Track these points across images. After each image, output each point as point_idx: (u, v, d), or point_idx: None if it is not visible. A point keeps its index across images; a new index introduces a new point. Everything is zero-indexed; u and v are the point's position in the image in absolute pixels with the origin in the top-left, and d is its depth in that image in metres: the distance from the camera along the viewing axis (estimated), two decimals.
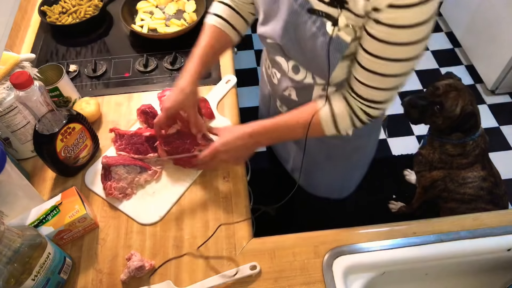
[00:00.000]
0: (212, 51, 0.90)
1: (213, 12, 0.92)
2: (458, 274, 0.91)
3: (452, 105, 1.40)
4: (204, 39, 0.90)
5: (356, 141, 0.99)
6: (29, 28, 1.36)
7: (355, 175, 1.17)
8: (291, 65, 0.85)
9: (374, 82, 0.72)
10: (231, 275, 0.79)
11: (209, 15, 0.92)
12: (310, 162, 1.05)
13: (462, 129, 1.44)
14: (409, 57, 0.68)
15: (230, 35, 0.92)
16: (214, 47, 0.91)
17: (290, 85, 0.89)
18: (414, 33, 0.64)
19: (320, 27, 0.71)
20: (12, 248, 0.66)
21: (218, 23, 0.90)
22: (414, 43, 0.65)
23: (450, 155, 1.50)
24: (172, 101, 0.87)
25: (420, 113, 1.47)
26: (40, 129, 0.86)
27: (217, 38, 0.90)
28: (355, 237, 0.85)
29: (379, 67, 0.69)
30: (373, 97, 0.75)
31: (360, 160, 1.11)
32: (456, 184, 1.51)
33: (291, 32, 0.76)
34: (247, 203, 0.93)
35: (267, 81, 1.03)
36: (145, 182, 0.95)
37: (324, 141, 0.99)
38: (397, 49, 0.66)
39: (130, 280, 0.80)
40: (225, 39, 0.91)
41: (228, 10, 0.91)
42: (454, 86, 1.42)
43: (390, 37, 0.64)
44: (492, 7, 2.21)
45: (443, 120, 1.43)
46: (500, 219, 0.88)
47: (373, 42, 0.66)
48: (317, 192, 1.18)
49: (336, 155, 1.03)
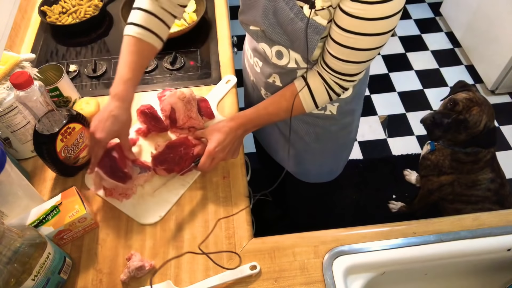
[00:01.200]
0: (139, 67, 0.85)
1: (131, 21, 0.84)
2: (458, 274, 0.91)
3: (477, 122, 1.35)
4: (127, 56, 0.83)
5: (342, 120, 1.02)
6: (29, 28, 1.36)
7: (343, 155, 1.21)
8: (275, 51, 0.87)
9: (348, 56, 0.75)
10: (231, 274, 0.79)
11: (127, 25, 0.84)
12: (299, 147, 1.09)
13: (482, 144, 1.40)
14: (382, 31, 0.70)
15: (153, 44, 0.85)
16: (143, 65, 0.86)
17: (274, 71, 0.92)
18: (388, 7, 0.66)
19: (298, 13, 0.75)
20: (12, 248, 0.66)
21: (139, 34, 0.83)
22: (387, 17, 0.67)
23: (462, 162, 1.47)
24: (106, 131, 0.80)
25: (444, 131, 1.41)
26: (40, 129, 0.86)
27: (141, 51, 0.84)
28: (355, 237, 0.85)
29: (353, 41, 0.72)
30: (346, 70, 0.79)
31: (346, 139, 1.14)
32: (464, 187, 1.50)
33: (270, 18, 0.79)
34: (247, 202, 0.93)
35: (249, 72, 1.06)
36: (145, 182, 0.95)
37: (311, 124, 1.02)
38: (370, 24, 0.68)
39: (130, 280, 0.80)
40: (148, 50, 0.86)
41: (149, 18, 0.84)
42: (475, 100, 1.37)
43: (364, 13, 0.67)
44: (492, 7, 2.21)
45: (466, 136, 1.39)
46: (500, 219, 0.88)
47: (347, 18, 0.69)
48: (308, 179, 1.20)
49: (324, 136, 1.06)
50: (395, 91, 2.45)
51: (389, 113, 2.34)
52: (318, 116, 1.00)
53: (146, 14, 0.84)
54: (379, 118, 2.32)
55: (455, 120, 1.38)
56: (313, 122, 1.02)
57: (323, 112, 0.98)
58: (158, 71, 1.22)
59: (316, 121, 1.01)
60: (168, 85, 1.18)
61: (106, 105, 0.82)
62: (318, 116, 1.00)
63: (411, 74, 2.55)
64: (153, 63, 1.23)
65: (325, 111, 0.98)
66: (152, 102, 1.07)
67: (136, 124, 1.06)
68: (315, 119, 1.00)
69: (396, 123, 2.29)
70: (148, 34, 0.84)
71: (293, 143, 1.09)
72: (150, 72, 1.22)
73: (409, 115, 2.32)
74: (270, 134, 1.16)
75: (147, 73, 1.22)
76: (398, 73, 2.55)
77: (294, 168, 1.18)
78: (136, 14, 0.84)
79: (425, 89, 2.46)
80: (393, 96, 2.43)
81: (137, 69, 0.84)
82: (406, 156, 2.14)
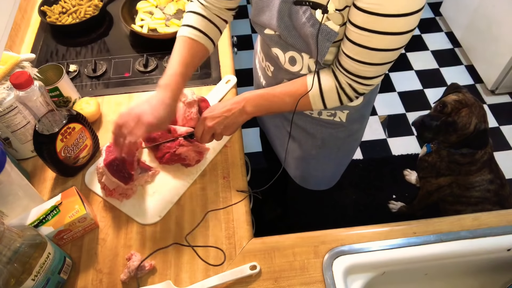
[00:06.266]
0: (191, 65, 0.86)
1: (187, 24, 0.87)
2: (458, 274, 0.91)
3: (466, 124, 1.36)
4: (182, 53, 0.85)
5: (350, 126, 1.00)
6: (29, 28, 1.36)
7: (345, 163, 1.20)
8: (288, 57, 0.86)
9: (362, 56, 0.72)
10: (231, 274, 0.79)
11: (182, 27, 0.88)
12: (304, 151, 1.07)
13: (473, 145, 1.41)
14: (399, 31, 0.67)
15: (206, 46, 0.88)
16: (195, 64, 0.88)
17: (285, 77, 0.90)
18: (405, 3, 0.63)
19: (310, 18, 0.72)
20: (12, 248, 0.66)
21: (194, 35, 0.86)
22: (404, 15, 0.64)
23: (459, 164, 1.48)
24: (157, 117, 0.77)
25: (434, 134, 1.43)
26: (40, 129, 0.86)
27: (195, 51, 0.86)
28: (355, 237, 0.85)
29: (367, 40, 0.69)
30: (361, 72, 0.75)
31: (351, 146, 1.12)
32: (463, 188, 1.50)
33: (286, 20, 0.77)
34: (247, 202, 0.93)
35: (260, 74, 1.05)
36: (145, 182, 0.95)
37: (319, 127, 1.00)
38: (385, 21, 0.65)
39: (130, 280, 0.81)
40: (201, 51, 0.88)
41: (202, 21, 0.87)
42: (464, 102, 1.37)
43: (378, 9, 0.64)
44: (492, 7, 2.21)
45: (456, 138, 1.40)
46: (500, 219, 0.88)
47: (361, 14, 0.66)
48: (307, 185, 1.19)
49: (330, 142, 1.04)
50: (395, 91, 2.45)
51: (389, 113, 2.34)
52: (328, 122, 0.97)
53: (200, 18, 0.87)
54: (379, 118, 2.32)
55: (444, 123, 1.39)
56: (321, 126, 0.99)
57: (332, 118, 0.96)
58: (158, 71, 1.22)
59: (324, 126, 0.99)
60: None
61: (155, 94, 0.80)
62: (328, 122, 0.97)
63: (411, 74, 2.55)
64: (153, 63, 1.23)
65: (334, 117, 0.96)
66: None
67: None
68: (325, 124, 0.98)
69: (396, 123, 2.29)
70: (202, 36, 0.87)
71: (298, 146, 1.08)
72: (150, 72, 1.22)
73: (409, 115, 2.32)
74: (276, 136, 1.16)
75: (147, 73, 1.22)
76: (398, 73, 2.55)
77: (294, 172, 1.17)
78: (191, 17, 0.87)
79: (425, 89, 2.46)
80: (393, 96, 2.43)
81: (189, 66, 0.85)
82: (406, 156, 2.14)
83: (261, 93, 0.86)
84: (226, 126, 0.86)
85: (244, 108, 0.85)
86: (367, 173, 2.08)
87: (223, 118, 0.85)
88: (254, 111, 0.86)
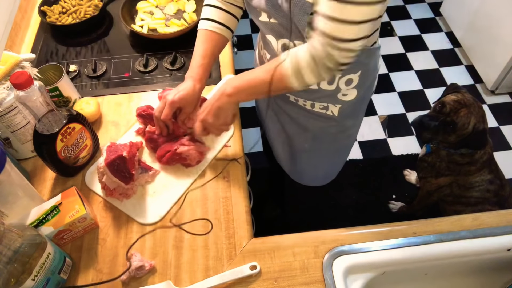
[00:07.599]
0: (213, 58, 0.95)
1: (206, 17, 0.94)
2: (458, 274, 0.91)
3: (465, 124, 1.36)
4: (203, 46, 0.93)
5: (342, 122, 1.01)
6: (29, 28, 1.36)
7: (339, 160, 1.21)
8: (280, 44, 0.87)
9: (339, 12, 0.64)
10: (231, 274, 0.79)
11: (201, 21, 0.95)
12: (296, 144, 1.09)
13: (472, 145, 1.41)
14: None
15: (225, 35, 0.95)
16: (215, 54, 0.95)
17: None
18: None
19: None
20: (12, 248, 0.66)
21: (214, 27, 0.93)
22: None
23: (458, 164, 1.48)
24: (179, 96, 0.89)
25: (432, 134, 1.44)
26: (40, 129, 0.86)
27: (215, 43, 0.94)
28: (355, 237, 0.85)
29: None
30: (336, 32, 0.66)
31: (344, 143, 1.13)
32: (462, 188, 1.50)
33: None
34: (247, 202, 0.93)
35: (258, 63, 1.07)
36: (146, 182, 0.95)
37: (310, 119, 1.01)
38: None
39: (130, 280, 0.81)
40: (222, 42, 0.95)
41: (219, 13, 0.93)
42: (463, 102, 1.37)
43: None
44: (492, 7, 2.21)
45: (455, 138, 1.40)
46: (500, 219, 0.88)
47: None
48: (302, 180, 1.20)
49: (322, 136, 1.05)
50: (395, 91, 2.45)
51: (389, 113, 2.34)
52: (320, 114, 0.99)
53: (216, 10, 0.94)
54: (379, 118, 2.32)
55: (442, 123, 1.39)
56: (314, 119, 1.01)
57: (325, 111, 0.98)
58: (158, 71, 1.22)
59: (317, 119, 1.01)
60: (168, 85, 1.18)
61: (182, 84, 0.93)
62: (320, 114, 0.99)
63: (411, 74, 2.55)
64: (153, 63, 1.23)
65: (327, 110, 0.98)
66: (152, 102, 1.07)
67: (136, 124, 1.06)
68: (317, 117, 1.00)
69: (396, 123, 2.29)
70: (220, 27, 0.93)
71: (291, 139, 1.09)
72: (150, 72, 1.22)
73: (409, 115, 2.32)
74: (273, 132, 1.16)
75: (147, 73, 1.22)
76: (398, 73, 2.55)
77: (289, 167, 1.18)
78: (208, 10, 0.94)
79: (425, 89, 2.46)
80: (393, 96, 2.43)
81: (211, 56, 0.94)
82: (406, 156, 2.14)
83: (240, 74, 0.86)
84: (215, 115, 0.87)
85: (225, 91, 0.84)
86: (367, 173, 2.08)
87: (210, 106, 0.87)
88: (234, 92, 0.83)
